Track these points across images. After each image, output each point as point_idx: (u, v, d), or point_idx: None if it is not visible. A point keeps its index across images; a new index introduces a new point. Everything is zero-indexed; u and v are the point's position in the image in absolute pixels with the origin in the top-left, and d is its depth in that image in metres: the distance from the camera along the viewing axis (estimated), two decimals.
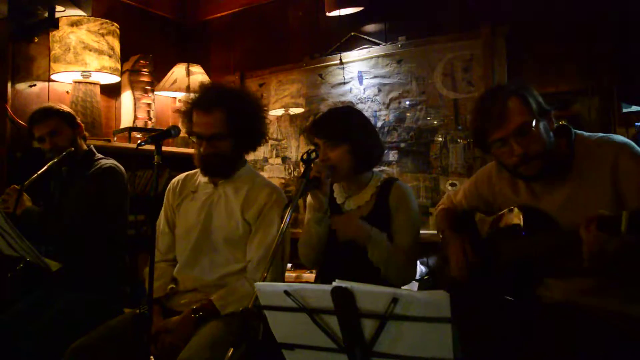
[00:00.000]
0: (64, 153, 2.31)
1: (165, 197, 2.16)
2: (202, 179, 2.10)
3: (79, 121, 2.46)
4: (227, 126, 1.92)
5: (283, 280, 2.03)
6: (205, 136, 1.92)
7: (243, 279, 1.92)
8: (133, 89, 3.29)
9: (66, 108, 2.46)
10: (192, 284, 1.98)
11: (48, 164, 2.29)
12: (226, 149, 1.95)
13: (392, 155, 3.00)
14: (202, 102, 1.94)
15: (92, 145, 2.51)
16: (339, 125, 1.86)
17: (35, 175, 2.26)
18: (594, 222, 1.31)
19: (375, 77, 3.11)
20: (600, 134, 1.61)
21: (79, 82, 2.93)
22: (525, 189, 1.68)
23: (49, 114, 2.35)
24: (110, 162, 2.42)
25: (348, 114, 1.96)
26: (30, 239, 1.96)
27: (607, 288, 1.50)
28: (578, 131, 1.63)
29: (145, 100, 3.31)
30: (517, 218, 1.66)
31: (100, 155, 2.47)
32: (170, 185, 2.17)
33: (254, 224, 1.96)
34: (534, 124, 1.52)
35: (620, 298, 1.48)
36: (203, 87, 2.05)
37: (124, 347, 1.83)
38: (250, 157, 3.63)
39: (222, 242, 1.97)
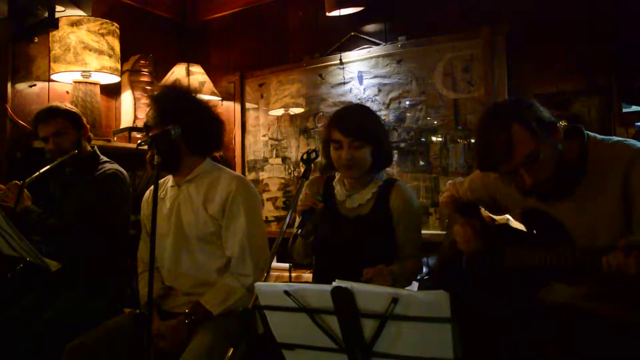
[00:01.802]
0: (68, 155, 2.30)
1: (141, 208, 2.18)
2: (168, 184, 2.11)
3: (85, 122, 2.44)
4: (153, 116, 1.95)
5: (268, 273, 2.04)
6: (143, 127, 2.05)
7: (228, 274, 1.92)
8: (133, 89, 3.30)
9: (73, 108, 2.44)
10: (183, 289, 1.98)
11: (52, 163, 2.28)
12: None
13: None
14: None
15: (96, 147, 2.50)
16: (367, 127, 1.87)
17: (38, 173, 2.25)
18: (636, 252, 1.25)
19: (375, 77, 3.11)
20: (617, 138, 1.55)
21: (79, 82, 2.93)
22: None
23: (55, 114, 2.32)
24: (114, 167, 2.41)
25: (373, 115, 1.97)
26: (29, 237, 1.96)
27: (611, 294, 1.47)
28: (591, 133, 1.56)
29: (145, 100, 3.31)
30: (522, 223, 1.62)
31: (105, 159, 2.46)
32: (144, 197, 2.18)
33: (221, 219, 1.94)
34: (541, 151, 1.44)
35: (623, 304, 1.45)
36: None
37: (123, 347, 1.83)
38: (250, 157, 3.66)
39: (196, 241, 1.97)
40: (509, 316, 1.59)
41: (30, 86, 2.91)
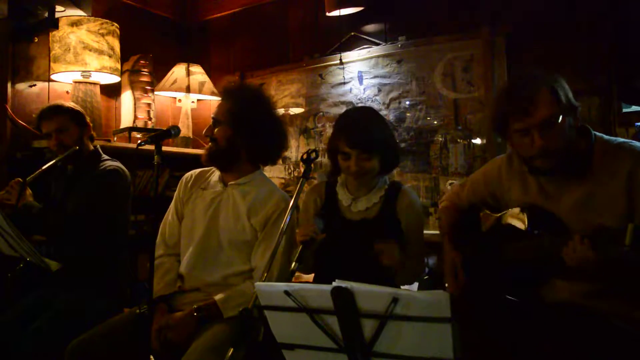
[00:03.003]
0: (69, 151, 2.32)
1: (177, 188, 2.18)
2: (213, 177, 2.12)
3: (88, 121, 2.47)
4: (227, 114, 1.98)
5: (291, 280, 2.03)
6: (212, 119, 2.04)
7: (248, 282, 1.92)
8: (133, 89, 3.29)
9: (77, 107, 2.46)
10: (195, 283, 1.98)
11: (54, 160, 2.30)
12: (221, 136, 1.97)
13: None
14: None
15: (98, 146, 2.52)
16: (375, 138, 1.84)
17: (39, 170, 2.26)
18: (587, 239, 1.33)
19: (375, 77, 3.10)
20: (622, 139, 1.57)
21: (79, 82, 2.93)
22: (537, 188, 1.64)
23: (58, 111, 2.37)
24: (115, 164, 2.42)
25: (380, 121, 1.94)
26: (29, 234, 1.95)
27: (612, 291, 1.48)
28: (598, 133, 1.59)
29: (145, 100, 3.31)
30: (521, 218, 1.64)
31: (106, 157, 2.47)
32: (184, 178, 2.18)
33: (260, 231, 1.96)
34: (560, 118, 1.47)
35: (625, 301, 1.46)
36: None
37: (123, 346, 1.83)
38: None
39: (227, 243, 1.97)
40: (509, 315, 1.60)
41: (30, 86, 2.91)
